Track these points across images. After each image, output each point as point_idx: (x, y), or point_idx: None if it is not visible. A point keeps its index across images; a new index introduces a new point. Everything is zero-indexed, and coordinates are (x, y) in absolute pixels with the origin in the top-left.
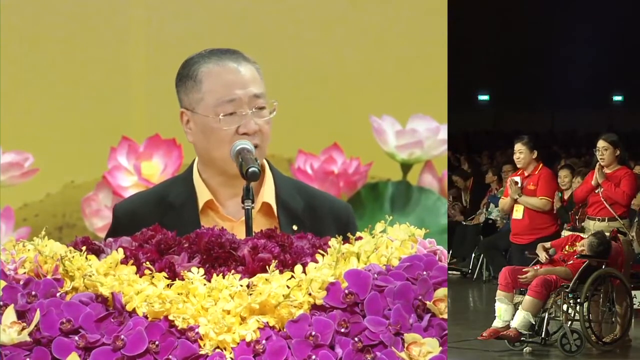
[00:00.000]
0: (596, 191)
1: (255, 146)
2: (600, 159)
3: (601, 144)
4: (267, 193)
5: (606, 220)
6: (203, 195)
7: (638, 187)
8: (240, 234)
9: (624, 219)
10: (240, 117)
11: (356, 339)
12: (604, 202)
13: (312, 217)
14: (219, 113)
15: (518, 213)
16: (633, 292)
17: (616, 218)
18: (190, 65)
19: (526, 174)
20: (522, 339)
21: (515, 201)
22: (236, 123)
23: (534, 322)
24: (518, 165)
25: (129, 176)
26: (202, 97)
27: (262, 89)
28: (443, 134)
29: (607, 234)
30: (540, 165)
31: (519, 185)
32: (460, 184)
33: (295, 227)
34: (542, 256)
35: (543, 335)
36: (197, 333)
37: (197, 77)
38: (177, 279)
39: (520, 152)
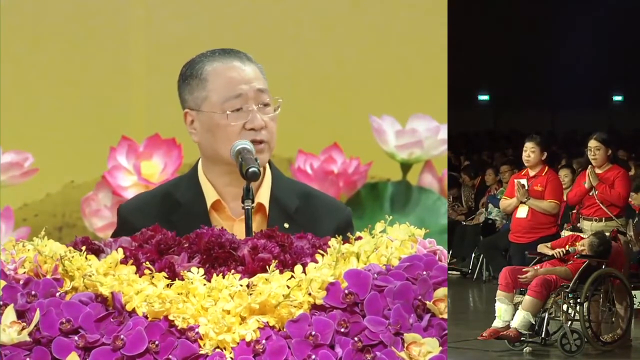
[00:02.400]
0: (590, 193)
1: (261, 142)
2: (593, 159)
3: (593, 143)
4: (263, 193)
5: (603, 220)
6: (210, 195)
7: (631, 186)
8: (240, 233)
9: (620, 218)
10: (246, 113)
11: (356, 338)
12: (600, 204)
13: (308, 218)
14: (225, 109)
15: (522, 212)
16: (633, 292)
17: (613, 218)
18: (194, 64)
19: (532, 174)
20: (522, 339)
21: (523, 203)
22: (243, 119)
23: (534, 322)
24: (526, 164)
25: (128, 176)
26: (207, 94)
27: (266, 86)
28: (443, 134)
29: (607, 234)
30: (547, 167)
31: (526, 188)
32: (468, 182)
33: (287, 225)
34: (547, 251)
35: (543, 335)
36: (197, 333)
37: (201, 76)
38: (177, 279)
39: (532, 151)
